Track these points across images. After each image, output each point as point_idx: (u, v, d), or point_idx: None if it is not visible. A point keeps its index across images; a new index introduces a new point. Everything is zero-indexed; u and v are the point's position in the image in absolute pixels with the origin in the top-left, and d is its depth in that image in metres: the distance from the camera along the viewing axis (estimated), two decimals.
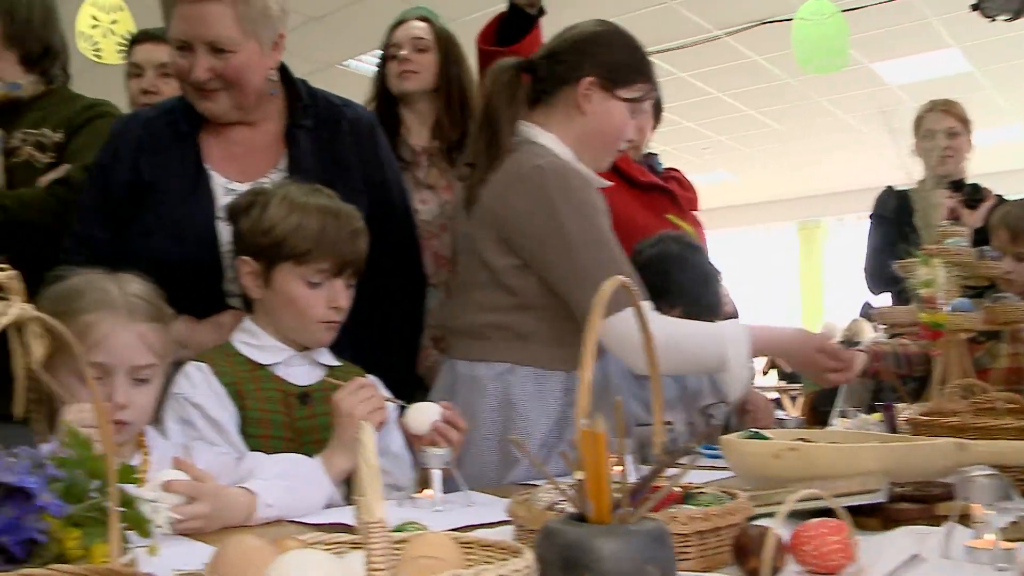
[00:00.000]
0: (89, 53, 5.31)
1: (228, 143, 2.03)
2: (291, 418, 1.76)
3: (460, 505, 1.63)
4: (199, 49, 1.88)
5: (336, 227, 1.78)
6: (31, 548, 0.70)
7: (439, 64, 2.73)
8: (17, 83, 2.31)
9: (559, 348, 1.99)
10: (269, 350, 1.80)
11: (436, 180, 2.69)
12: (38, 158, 2.27)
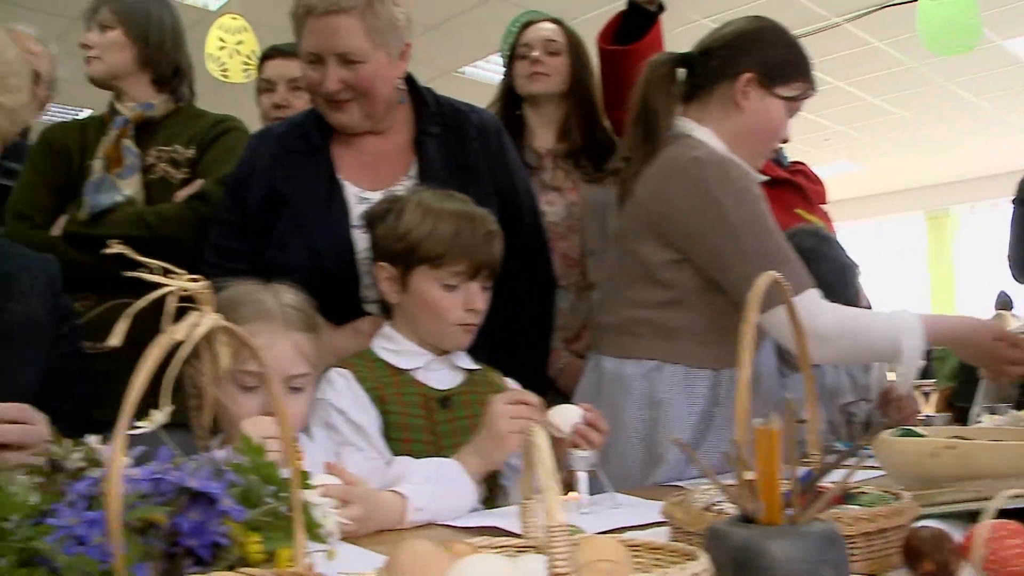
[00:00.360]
0: (216, 73, 5.50)
1: (359, 153, 2.06)
2: (432, 422, 1.77)
3: (606, 507, 1.61)
4: (330, 61, 1.92)
5: (470, 230, 1.79)
6: (215, 551, 0.71)
7: (570, 67, 2.72)
8: (150, 103, 2.40)
9: (707, 346, 1.97)
10: (409, 355, 1.81)
11: (562, 182, 2.68)
12: (172, 174, 2.35)
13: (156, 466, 0.71)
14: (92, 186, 2.26)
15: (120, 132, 2.33)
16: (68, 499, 0.67)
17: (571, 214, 2.64)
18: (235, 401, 1.46)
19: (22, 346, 1.51)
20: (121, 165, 2.29)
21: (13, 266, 1.57)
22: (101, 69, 2.38)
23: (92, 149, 2.34)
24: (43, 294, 1.59)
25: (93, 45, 2.37)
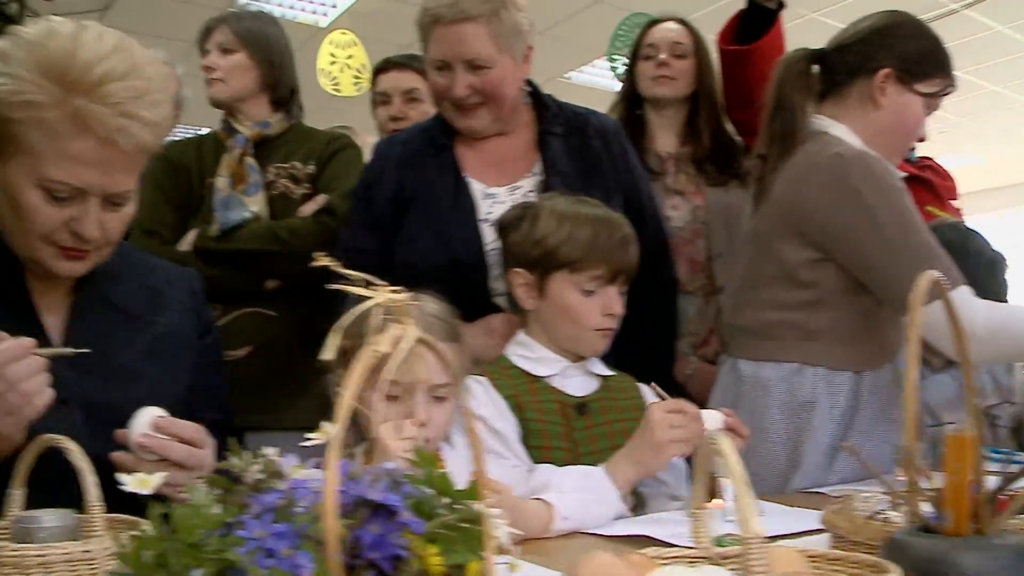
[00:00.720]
0: (328, 87, 5.60)
1: (483, 153, 2.10)
2: (569, 429, 1.76)
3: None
4: (457, 68, 1.97)
5: (608, 234, 1.78)
6: (396, 564, 0.70)
7: (695, 69, 2.67)
8: (267, 122, 2.47)
9: (848, 347, 1.92)
10: (545, 362, 1.80)
11: (685, 186, 2.63)
12: (293, 189, 2.42)
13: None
14: (220, 203, 2.33)
15: (243, 151, 2.40)
16: (254, 511, 0.67)
17: (696, 218, 2.59)
18: (379, 410, 1.47)
19: (171, 358, 1.54)
20: (245, 183, 2.36)
21: (159, 280, 1.61)
22: (226, 91, 2.45)
23: (209, 166, 2.42)
24: (188, 306, 1.62)
25: (217, 68, 2.44)
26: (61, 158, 1.28)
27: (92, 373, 1.42)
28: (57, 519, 0.93)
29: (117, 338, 1.49)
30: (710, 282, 2.58)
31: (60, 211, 1.32)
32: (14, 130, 1.28)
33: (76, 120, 1.27)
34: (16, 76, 1.26)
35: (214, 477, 0.69)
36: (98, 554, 0.87)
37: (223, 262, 2.25)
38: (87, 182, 1.30)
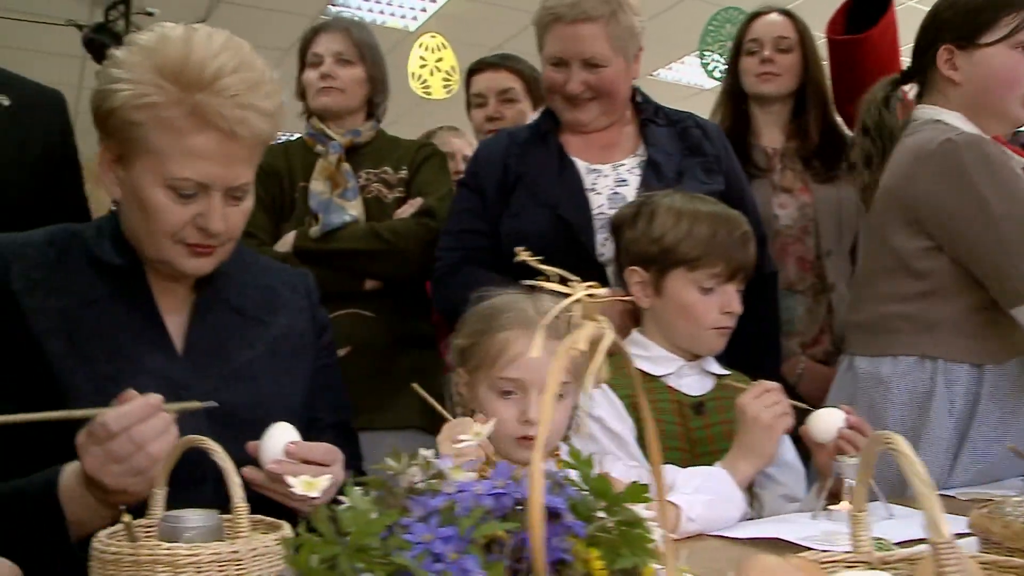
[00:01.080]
0: (419, 90, 5.64)
1: (586, 140, 2.17)
2: (686, 428, 1.73)
3: (880, 518, 1.51)
4: (574, 65, 2.06)
5: (727, 231, 1.76)
6: (559, 569, 0.68)
7: (801, 63, 2.59)
8: (358, 130, 2.51)
9: (968, 339, 1.85)
10: (661, 361, 1.78)
11: (792, 183, 2.56)
12: (385, 194, 2.47)
13: (496, 480, 0.69)
14: (321, 206, 2.37)
15: (339, 157, 2.45)
16: (417, 514, 0.65)
17: (804, 215, 2.53)
18: (493, 407, 1.46)
19: (288, 359, 1.54)
20: (342, 188, 2.42)
21: (275, 280, 1.61)
22: (341, 103, 2.49)
23: (298, 171, 2.47)
24: (303, 307, 1.62)
25: (336, 77, 2.47)
26: (184, 155, 1.31)
27: (213, 374, 1.44)
28: (203, 519, 0.93)
29: (236, 339, 1.49)
30: (820, 281, 2.51)
31: (186, 208, 1.34)
32: (138, 133, 1.31)
33: (196, 115, 1.30)
34: (136, 80, 1.30)
35: (370, 479, 0.68)
36: (245, 555, 0.87)
37: (324, 262, 2.28)
38: (210, 176, 1.33)
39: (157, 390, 1.36)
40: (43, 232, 1.45)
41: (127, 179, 1.36)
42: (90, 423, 1.15)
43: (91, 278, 1.40)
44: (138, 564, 0.86)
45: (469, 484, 0.67)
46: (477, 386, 1.49)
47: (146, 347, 1.40)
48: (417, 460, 0.70)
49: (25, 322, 1.33)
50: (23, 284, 1.35)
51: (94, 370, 1.34)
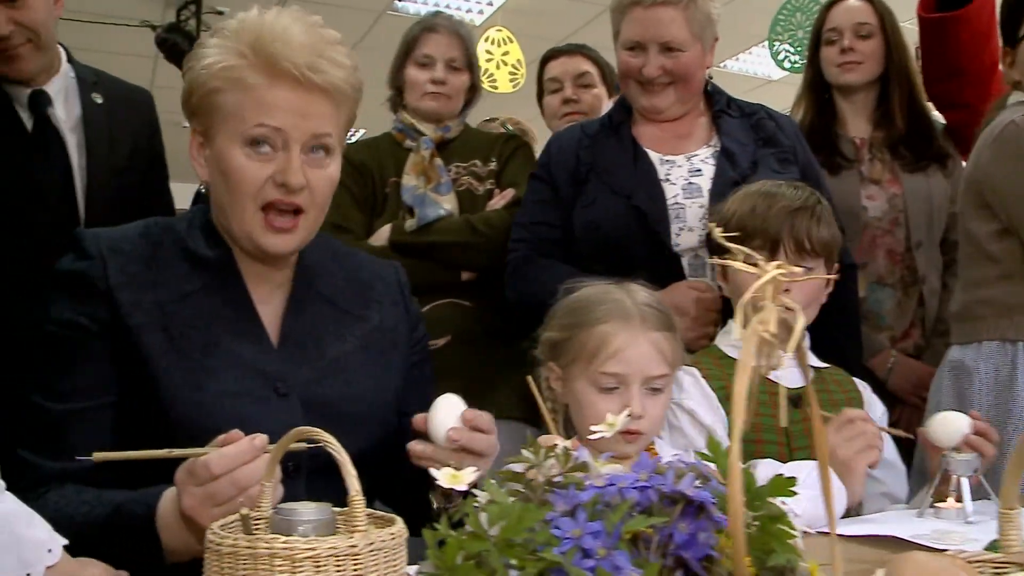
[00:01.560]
0: (485, 84, 5.62)
1: (659, 130, 2.16)
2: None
3: (991, 516, 1.46)
4: (651, 49, 2.05)
5: (766, 205, 1.72)
6: (707, 566, 0.65)
7: (884, 49, 2.51)
8: (448, 126, 2.53)
9: None
10: None
11: (880, 174, 2.49)
12: (476, 186, 2.49)
13: (641, 473, 0.66)
14: (416, 200, 2.38)
15: (432, 153, 2.47)
16: (562, 508, 0.63)
17: (893, 207, 2.45)
18: (593, 402, 1.43)
19: (382, 353, 1.53)
20: (435, 182, 2.44)
21: (368, 274, 1.60)
22: (447, 108, 2.51)
23: (388, 167, 2.48)
24: (396, 300, 1.60)
25: (447, 83, 2.49)
26: (259, 106, 1.32)
27: (308, 367, 1.43)
28: (317, 512, 0.91)
29: (330, 332, 1.48)
30: (910, 273, 2.44)
31: (265, 166, 1.34)
32: (218, 100, 1.34)
33: (268, 67, 1.32)
34: (217, 54, 1.34)
35: (507, 472, 0.66)
36: (362, 549, 0.84)
37: (420, 255, 2.30)
38: (284, 123, 1.33)
39: (252, 382, 1.37)
40: (137, 226, 1.45)
41: (212, 155, 1.38)
42: (192, 462, 1.12)
43: (185, 271, 1.40)
44: (255, 557, 0.84)
45: (619, 477, 0.64)
46: (572, 381, 1.46)
47: (241, 339, 1.39)
48: (555, 452, 0.68)
49: (122, 316, 1.34)
50: (119, 279, 1.36)
51: (190, 363, 1.34)
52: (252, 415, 1.33)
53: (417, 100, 2.50)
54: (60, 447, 1.31)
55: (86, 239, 1.39)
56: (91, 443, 1.30)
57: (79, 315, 1.34)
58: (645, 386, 1.45)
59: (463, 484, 0.65)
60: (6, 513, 0.97)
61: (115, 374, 1.35)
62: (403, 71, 2.53)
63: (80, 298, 1.35)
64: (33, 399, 1.34)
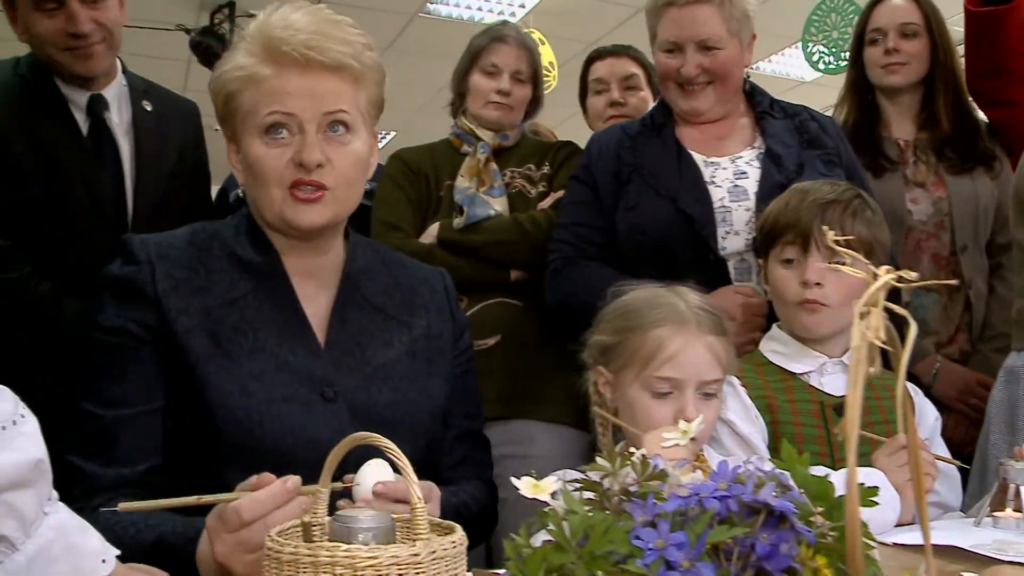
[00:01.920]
0: None
1: (701, 132, 2.14)
2: (827, 431, 1.65)
3: None
4: (689, 48, 2.04)
5: (799, 199, 1.70)
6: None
7: (929, 50, 2.47)
8: (507, 135, 2.55)
9: None
10: (800, 357, 1.71)
11: (925, 177, 2.45)
12: (528, 189, 2.50)
13: (720, 482, 0.64)
14: (467, 200, 2.40)
15: (487, 157, 2.49)
16: (642, 518, 0.61)
17: (938, 211, 2.41)
18: (647, 408, 1.41)
19: (428, 360, 1.51)
20: (488, 185, 2.46)
21: (414, 279, 1.59)
22: (509, 118, 2.53)
23: (443, 170, 2.50)
24: (442, 307, 1.59)
25: (511, 94, 2.50)
26: (269, 96, 1.35)
27: (354, 373, 1.42)
28: (377, 519, 0.90)
29: (376, 338, 1.47)
30: (955, 277, 2.40)
31: (284, 151, 1.36)
32: (237, 102, 1.38)
33: (273, 57, 1.34)
34: (234, 59, 1.38)
35: (584, 480, 0.64)
36: (425, 558, 0.83)
37: (467, 253, 2.32)
38: (295, 107, 1.34)
39: (300, 387, 1.37)
40: (184, 232, 1.46)
41: (241, 156, 1.40)
42: (223, 507, 1.10)
43: (232, 276, 1.41)
44: (316, 565, 0.83)
45: (701, 486, 0.63)
46: (624, 385, 1.44)
47: (289, 344, 1.39)
48: (628, 460, 0.66)
49: (170, 322, 1.34)
50: (167, 284, 1.36)
51: (238, 368, 1.34)
52: (299, 420, 1.34)
53: (480, 108, 2.52)
54: (111, 454, 1.31)
55: (134, 244, 1.40)
56: (142, 449, 1.33)
57: (127, 321, 1.35)
58: (699, 391, 1.43)
59: (543, 495, 0.63)
60: (60, 524, 0.97)
61: (164, 379, 1.35)
62: (468, 77, 2.54)
63: (128, 303, 1.36)
64: (83, 405, 1.34)
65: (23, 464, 0.90)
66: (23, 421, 0.93)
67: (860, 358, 0.43)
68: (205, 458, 1.33)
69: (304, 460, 1.28)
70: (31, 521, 0.92)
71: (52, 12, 2.06)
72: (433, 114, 3.11)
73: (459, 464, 1.57)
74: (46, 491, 0.97)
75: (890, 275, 0.48)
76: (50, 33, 2.07)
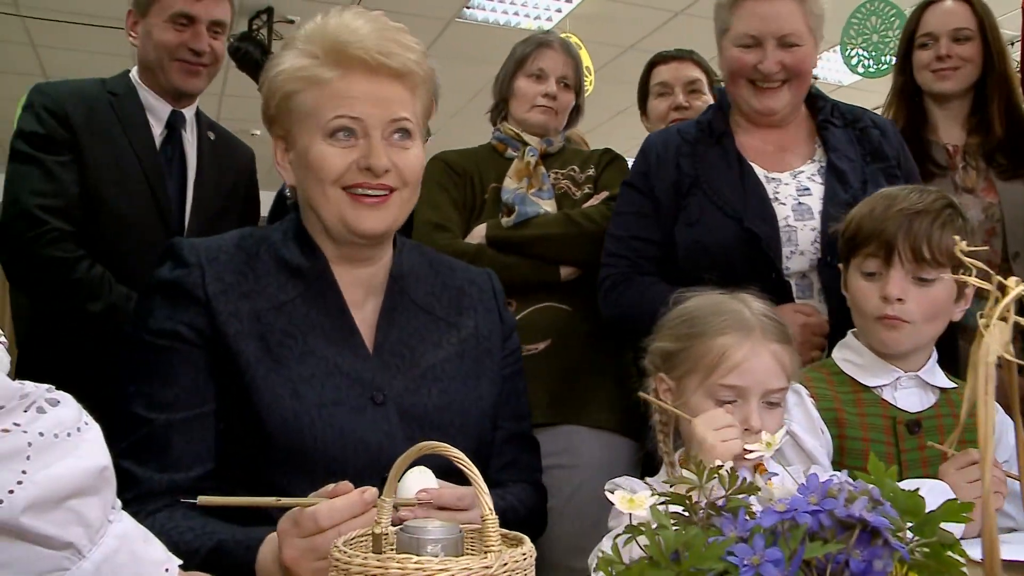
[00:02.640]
0: None
1: (763, 142, 2.09)
2: (897, 449, 1.59)
3: None
4: (768, 44, 1.99)
5: (884, 207, 1.63)
6: None
7: (982, 54, 2.43)
8: (551, 140, 2.58)
9: None
10: (874, 370, 1.65)
11: (975, 182, 2.41)
12: (573, 191, 2.51)
13: (811, 496, 0.63)
14: (517, 198, 2.41)
15: (536, 160, 2.51)
16: (734, 534, 0.60)
17: (989, 217, 2.37)
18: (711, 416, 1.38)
19: (477, 361, 1.51)
20: (536, 187, 2.47)
21: (461, 280, 1.58)
22: (553, 123, 2.56)
23: (488, 173, 2.51)
24: (490, 308, 1.58)
25: (557, 98, 2.53)
26: (335, 99, 1.35)
27: (403, 375, 1.41)
28: (445, 531, 0.89)
29: (424, 340, 1.47)
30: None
31: (348, 152, 1.36)
32: (296, 102, 1.38)
33: (340, 59, 1.35)
34: (287, 59, 1.39)
35: (671, 494, 0.63)
36: (496, 570, 0.82)
37: (518, 249, 2.33)
38: (363, 112, 1.35)
39: (349, 391, 1.36)
40: (232, 236, 1.46)
41: (295, 157, 1.41)
42: (298, 511, 1.10)
43: (280, 280, 1.41)
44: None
45: (795, 501, 0.61)
46: (687, 393, 1.42)
47: (338, 347, 1.39)
48: (716, 472, 0.65)
49: (219, 325, 1.34)
50: (217, 287, 1.36)
51: (288, 372, 1.34)
52: (349, 424, 1.34)
53: (525, 112, 2.53)
54: (164, 460, 1.31)
55: (183, 248, 1.40)
56: (193, 454, 1.33)
57: (178, 324, 1.35)
58: (763, 399, 1.40)
59: (637, 509, 0.62)
60: (124, 532, 0.96)
61: (214, 383, 1.35)
62: (513, 82, 2.56)
63: (179, 306, 1.36)
64: (133, 409, 1.34)
65: (89, 471, 0.90)
66: (87, 428, 0.93)
67: (989, 373, 0.41)
68: (255, 462, 1.33)
69: (353, 464, 1.30)
70: (97, 528, 0.92)
71: (181, 28, 2.34)
72: (468, 120, 3.12)
73: (507, 466, 1.55)
74: (111, 499, 0.96)
75: (1020, 287, 0.46)
76: (173, 44, 2.34)
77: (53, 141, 2.25)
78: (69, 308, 2.21)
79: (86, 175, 2.26)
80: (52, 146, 2.25)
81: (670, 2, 5.74)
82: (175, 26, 2.34)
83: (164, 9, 2.34)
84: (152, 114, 2.40)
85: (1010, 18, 2.47)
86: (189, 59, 2.36)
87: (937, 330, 1.65)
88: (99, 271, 2.21)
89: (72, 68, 6.68)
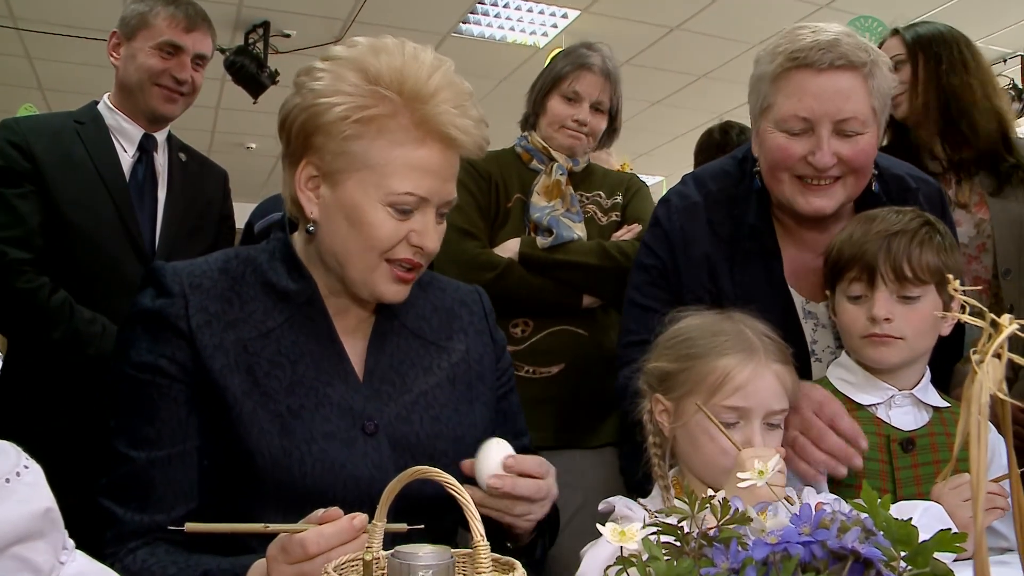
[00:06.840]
0: None
1: (802, 253, 1.83)
2: (891, 467, 1.59)
3: None
4: (822, 128, 1.62)
5: (863, 231, 1.63)
6: None
7: (915, 79, 2.42)
8: (578, 160, 2.58)
9: None
10: (867, 388, 1.64)
11: (968, 198, 2.41)
12: (600, 216, 2.54)
13: (803, 527, 0.62)
14: (553, 221, 2.40)
15: (566, 180, 2.50)
16: (725, 566, 0.59)
17: (980, 233, 2.37)
18: (713, 438, 1.37)
19: (469, 386, 1.49)
20: (568, 208, 2.48)
21: (451, 301, 1.56)
22: (583, 147, 2.56)
23: (512, 181, 2.51)
24: (481, 328, 1.57)
25: (587, 124, 2.52)
26: (409, 168, 1.28)
27: (394, 403, 1.39)
28: (436, 556, 0.88)
29: (415, 365, 1.44)
30: (997, 302, 2.35)
31: (402, 224, 1.30)
32: (355, 147, 1.29)
33: (421, 126, 1.28)
34: (352, 93, 1.27)
35: (663, 524, 0.63)
36: None
37: (550, 272, 2.33)
38: (432, 190, 1.30)
39: (340, 421, 1.34)
40: (216, 259, 1.41)
41: (333, 197, 1.32)
42: (287, 538, 1.09)
43: (267, 306, 1.37)
44: None
45: (786, 532, 0.61)
46: (686, 414, 1.41)
47: (327, 376, 1.36)
48: (708, 502, 0.64)
49: (204, 359, 1.30)
50: (201, 319, 1.31)
51: (276, 406, 1.31)
52: (339, 458, 1.31)
53: (554, 132, 2.52)
54: (146, 500, 1.28)
55: (166, 275, 1.35)
56: (176, 493, 1.29)
57: (159, 358, 1.30)
58: (765, 421, 1.39)
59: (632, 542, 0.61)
60: (79, 571, 0.96)
61: (197, 418, 1.31)
62: (546, 100, 2.53)
63: (161, 339, 1.31)
64: (115, 446, 1.30)
65: (30, 516, 0.89)
66: (26, 472, 0.91)
67: (983, 411, 0.41)
68: (243, 498, 1.30)
69: (344, 498, 1.26)
70: (48, 572, 0.91)
71: (167, 56, 2.41)
72: None
73: None
74: (59, 540, 0.95)
75: (1014, 325, 0.46)
76: (156, 70, 2.41)
77: (12, 172, 2.28)
78: (33, 338, 2.24)
79: (52, 201, 2.29)
80: (11, 178, 2.28)
81: (665, 18, 5.76)
82: (162, 54, 2.41)
83: (153, 36, 2.40)
84: (124, 137, 2.46)
85: (1003, 35, 2.46)
86: (170, 86, 2.43)
87: (928, 344, 1.65)
88: (60, 298, 2.24)
89: (68, 80, 6.74)
